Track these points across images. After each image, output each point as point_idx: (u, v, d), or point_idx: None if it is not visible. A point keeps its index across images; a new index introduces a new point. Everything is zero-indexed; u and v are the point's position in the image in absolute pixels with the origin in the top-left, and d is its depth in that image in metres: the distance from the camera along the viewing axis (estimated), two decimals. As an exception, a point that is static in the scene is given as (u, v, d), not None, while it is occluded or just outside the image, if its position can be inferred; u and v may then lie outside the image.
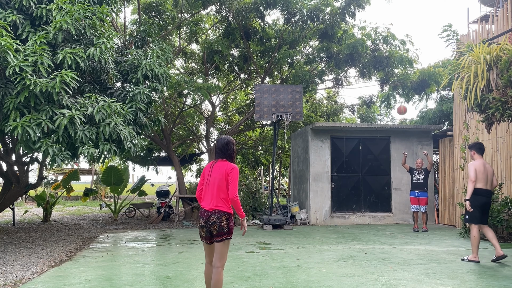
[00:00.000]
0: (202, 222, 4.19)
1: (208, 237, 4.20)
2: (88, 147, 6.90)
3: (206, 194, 4.23)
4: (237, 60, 14.88)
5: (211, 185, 4.19)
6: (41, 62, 6.57)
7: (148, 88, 8.50)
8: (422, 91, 13.60)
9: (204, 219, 4.17)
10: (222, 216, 4.13)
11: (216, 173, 4.20)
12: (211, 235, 4.18)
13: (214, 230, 4.12)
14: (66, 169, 21.30)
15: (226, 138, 4.35)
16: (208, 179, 4.23)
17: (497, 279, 5.56)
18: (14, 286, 5.37)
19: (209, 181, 4.21)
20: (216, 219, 4.11)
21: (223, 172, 4.17)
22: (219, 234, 4.12)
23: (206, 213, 4.17)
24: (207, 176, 4.26)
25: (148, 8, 12.36)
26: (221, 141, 4.32)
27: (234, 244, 8.52)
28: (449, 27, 11.05)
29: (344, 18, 12.51)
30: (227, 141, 4.30)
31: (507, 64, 6.48)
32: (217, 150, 4.31)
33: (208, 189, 4.21)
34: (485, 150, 10.24)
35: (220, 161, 4.27)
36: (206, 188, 4.23)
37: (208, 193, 4.21)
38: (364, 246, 8.22)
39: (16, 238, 9.44)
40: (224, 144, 4.29)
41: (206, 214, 4.16)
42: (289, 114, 11.24)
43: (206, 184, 4.24)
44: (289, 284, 5.33)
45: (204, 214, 4.18)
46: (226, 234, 4.14)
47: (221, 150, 4.29)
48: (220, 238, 4.13)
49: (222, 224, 4.11)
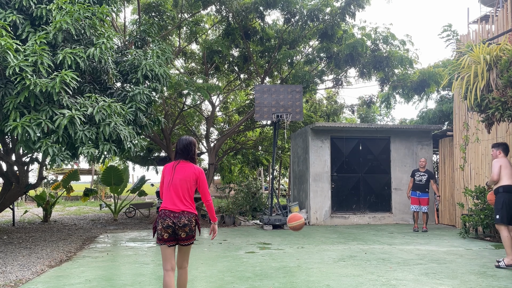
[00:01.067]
0: (169, 223, 3.98)
1: (172, 238, 4.03)
2: (88, 147, 6.90)
3: (169, 194, 4.07)
4: (237, 60, 14.88)
5: (176, 186, 4.06)
6: (41, 62, 6.57)
7: (148, 88, 8.50)
8: (422, 91, 13.59)
9: (171, 220, 3.99)
10: (192, 218, 4.06)
11: (180, 174, 4.08)
12: (175, 237, 4.04)
13: (183, 233, 4.00)
14: (66, 169, 21.30)
15: (188, 139, 4.24)
16: (171, 180, 4.08)
17: (497, 279, 5.56)
18: (14, 286, 5.37)
19: (172, 182, 4.07)
20: (187, 221, 4.01)
21: (189, 174, 4.09)
22: (188, 237, 4.04)
23: (173, 214, 4.01)
24: (169, 178, 4.10)
25: (148, 8, 12.36)
26: (182, 141, 4.21)
27: (234, 244, 8.52)
28: (449, 27, 11.04)
29: (344, 18, 12.51)
30: (188, 142, 4.20)
31: (507, 64, 6.48)
32: (178, 151, 4.19)
33: (172, 190, 4.06)
34: (485, 150, 10.25)
35: (183, 162, 4.16)
36: (169, 188, 4.07)
37: (172, 194, 4.05)
38: (364, 246, 8.22)
39: (16, 238, 9.44)
40: (185, 145, 4.19)
41: (174, 215, 4.00)
42: (289, 114, 11.24)
43: (169, 184, 4.09)
44: (289, 284, 5.33)
45: (171, 215, 4.00)
46: (193, 237, 4.11)
47: (183, 151, 4.18)
48: (188, 241, 4.07)
49: (192, 226, 4.04)
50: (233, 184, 22.13)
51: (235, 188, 15.52)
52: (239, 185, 14.51)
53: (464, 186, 10.77)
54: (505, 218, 6.26)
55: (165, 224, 4.00)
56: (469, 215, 9.38)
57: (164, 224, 4.01)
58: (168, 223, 4.00)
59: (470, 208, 9.56)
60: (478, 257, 7.06)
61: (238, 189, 14.33)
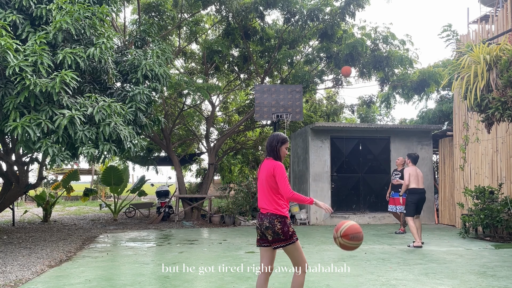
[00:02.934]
0: (257, 224, 4.00)
1: (264, 239, 3.96)
2: (88, 147, 6.90)
3: (259, 195, 4.03)
4: (237, 60, 14.88)
5: (261, 185, 3.99)
6: (41, 62, 6.57)
7: (148, 88, 8.50)
8: (422, 91, 13.60)
9: (258, 222, 3.96)
10: (274, 219, 3.82)
11: (263, 173, 3.99)
12: (267, 239, 3.94)
13: (269, 236, 3.86)
14: (66, 169, 21.28)
15: (272, 135, 4.10)
16: (258, 180, 4.06)
17: (497, 279, 5.56)
18: (14, 286, 5.37)
19: (259, 182, 4.04)
20: (269, 223, 3.84)
21: (268, 171, 3.93)
22: (274, 240, 3.85)
23: (260, 215, 3.96)
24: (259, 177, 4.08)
25: (148, 8, 12.35)
26: (269, 138, 4.09)
27: (234, 244, 8.53)
28: (449, 27, 11.04)
29: (344, 18, 12.51)
30: (272, 138, 4.06)
31: (507, 64, 6.48)
32: (266, 148, 4.09)
33: (259, 191, 4.02)
34: (485, 150, 10.25)
35: (267, 159, 4.04)
36: (259, 189, 4.05)
37: (260, 195, 4.01)
38: (364, 246, 8.22)
39: (16, 238, 9.44)
40: (269, 141, 4.06)
41: (260, 217, 3.95)
42: (289, 114, 11.24)
43: (258, 185, 4.06)
44: (289, 284, 5.33)
45: (259, 217, 3.97)
46: (283, 241, 3.83)
47: (267, 148, 4.07)
48: (278, 244, 3.86)
49: (275, 229, 3.80)
50: (233, 184, 22.13)
51: (235, 188, 15.52)
52: (239, 185, 14.50)
53: (464, 186, 10.77)
54: (412, 212, 8.06)
55: (256, 225, 4.02)
56: (469, 215, 9.38)
57: (256, 224, 4.02)
58: (256, 224, 4.01)
59: (470, 208, 9.56)
60: (478, 257, 7.06)
61: (238, 189, 14.32)
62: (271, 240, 3.86)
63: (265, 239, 3.94)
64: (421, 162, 12.81)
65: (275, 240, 3.84)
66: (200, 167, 20.84)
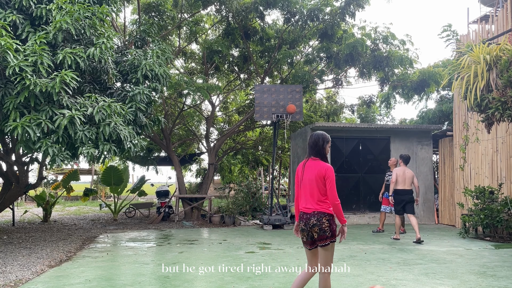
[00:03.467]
0: (302, 225, 3.95)
1: (310, 241, 3.94)
2: (88, 147, 6.90)
3: (302, 195, 4.00)
4: (237, 60, 14.88)
5: (306, 185, 3.96)
6: (41, 62, 6.57)
7: (148, 88, 8.50)
8: (422, 91, 13.59)
9: (303, 222, 3.93)
10: (322, 217, 3.87)
11: (309, 174, 3.95)
12: (312, 240, 3.93)
13: (315, 234, 3.87)
14: (66, 169, 21.28)
15: (317, 134, 4.05)
16: (301, 179, 4.02)
17: (497, 279, 5.56)
18: (14, 286, 5.37)
19: (302, 182, 3.99)
20: (317, 221, 3.85)
21: (317, 173, 3.91)
22: (321, 238, 3.86)
23: (305, 215, 3.93)
24: (300, 176, 4.04)
25: (148, 8, 12.35)
26: (312, 136, 4.03)
27: (234, 244, 8.53)
28: (449, 27, 11.05)
29: (344, 18, 12.50)
30: (317, 137, 4.01)
31: (507, 64, 6.48)
32: (308, 147, 4.04)
33: (303, 190, 3.99)
34: (485, 150, 10.25)
35: (312, 159, 4.01)
36: (301, 189, 4.01)
37: (303, 195, 3.98)
38: (364, 246, 8.22)
39: (16, 238, 9.44)
40: (314, 140, 4.01)
41: (305, 217, 3.93)
42: (289, 114, 11.24)
43: (300, 185, 4.02)
44: (289, 284, 5.33)
45: (304, 217, 3.94)
46: (328, 238, 3.87)
47: (312, 147, 4.01)
48: (324, 242, 3.86)
49: (323, 226, 3.84)
50: (233, 184, 22.12)
51: (235, 188, 15.51)
52: (239, 185, 14.50)
53: (464, 186, 10.77)
54: (399, 211, 8.98)
55: (300, 227, 4.00)
56: (469, 215, 9.38)
57: (300, 227, 4.01)
58: (302, 226, 3.97)
59: (470, 208, 9.56)
60: (478, 257, 7.07)
61: (238, 189, 14.32)
62: (317, 238, 3.87)
63: (312, 240, 3.93)
64: (421, 162, 12.82)
65: (321, 238, 3.86)
66: (200, 167, 20.85)
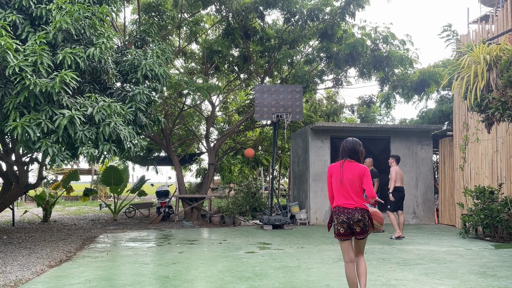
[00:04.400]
0: (343, 218, 4.35)
1: (348, 233, 4.38)
2: (88, 147, 6.89)
3: (341, 192, 4.43)
4: (237, 60, 14.87)
5: (346, 184, 4.41)
6: (41, 62, 6.56)
7: (148, 88, 8.49)
8: (422, 91, 13.58)
9: (346, 216, 4.35)
10: (365, 213, 4.36)
11: (348, 174, 4.43)
12: (351, 232, 4.38)
13: (358, 227, 4.33)
14: (66, 169, 21.26)
15: (353, 140, 4.62)
16: (341, 179, 4.44)
17: (497, 279, 5.56)
18: (14, 286, 5.37)
19: (343, 181, 4.43)
20: (361, 216, 4.32)
21: (357, 173, 4.42)
22: (363, 231, 4.35)
23: (347, 210, 4.36)
24: (339, 176, 4.46)
25: (148, 8, 12.34)
26: (350, 143, 4.58)
27: (234, 244, 8.52)
28: (449, 27, 11.06)
29: (344, 18, 12.50)
30: (355, 142, 4.59)
31: (507, 64, 6.48)
32: (345, 150, 4.55)
33: (344, 189, 4.42)
34: (485, 150, 10.25)
35: (349, 161, 4.51)
36: (340, 187, 4.44)
37: (345, 192, 4.42)
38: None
39: (16, 238, 9.44)
40: (353, 146, 4.56)
41: (348, 211, 4.35)
42: (289, 114, 11.23)
43: (339, 183, 4.45)
44: (289, 284, 5.33)
45: (345, 211, 4.36)
46: (367, 232, 4.40)
47: (351, 151, 4.54)
48: (363, 235, 4.38)
49: (366, 221, 4.34)
50: (233, 184, 22.13)
51: (235, 188, 15.51)
52: (239, 185, 14.51)
53: (464, 186, 10.77)
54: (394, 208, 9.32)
55: (340, 220, 4.38)
56: (469, 215, 9.38)
57: (339, 219, 4.39)
58: (343, 219, 4.36)
59: (470, 208, 9.56)
60: (478, 257, 7.06)
61: (238, 189, 14.32)
62: (359, 232, 4.35)
63: (349, 232, 4.38)
64: (421, 162, 12.82)
65: (362, 232, 4.36)
66: (200, 167, 20.85)
